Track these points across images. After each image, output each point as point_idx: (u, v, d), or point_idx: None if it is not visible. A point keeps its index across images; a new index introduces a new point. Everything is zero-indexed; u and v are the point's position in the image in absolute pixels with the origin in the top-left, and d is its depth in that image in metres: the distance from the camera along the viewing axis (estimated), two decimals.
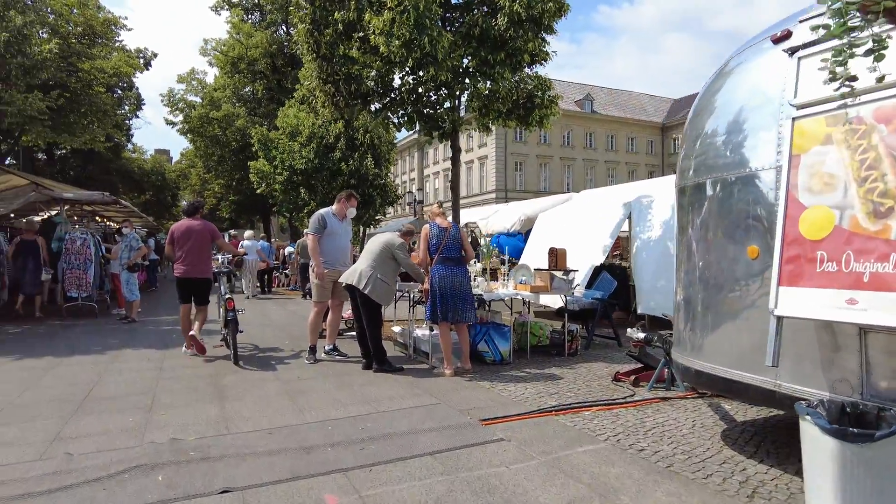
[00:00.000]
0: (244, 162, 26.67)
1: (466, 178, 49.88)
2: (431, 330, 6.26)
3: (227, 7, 27.13)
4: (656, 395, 5.20)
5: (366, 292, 6.03)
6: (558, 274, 7.02)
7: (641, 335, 5.69)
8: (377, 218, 18.21)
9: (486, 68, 8.59)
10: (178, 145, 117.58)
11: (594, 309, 7.90)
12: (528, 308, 7.15)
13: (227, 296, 7.16)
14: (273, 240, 30.19)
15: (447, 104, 9.33)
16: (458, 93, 9.30)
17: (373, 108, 9.34)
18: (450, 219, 6.75)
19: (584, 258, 8.93)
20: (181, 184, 44.85)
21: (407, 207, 25.76)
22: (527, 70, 9.53)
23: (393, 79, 9.29)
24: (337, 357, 6.83)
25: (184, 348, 7.19)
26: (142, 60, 25.90)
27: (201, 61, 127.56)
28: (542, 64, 9.53)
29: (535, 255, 11.39)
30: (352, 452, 3.71)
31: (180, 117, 28.43)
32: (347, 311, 8.26)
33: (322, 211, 6.82)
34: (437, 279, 5.74)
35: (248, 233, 17.28)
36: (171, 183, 42.60)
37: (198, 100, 28.88)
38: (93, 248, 11.21)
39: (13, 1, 11.21)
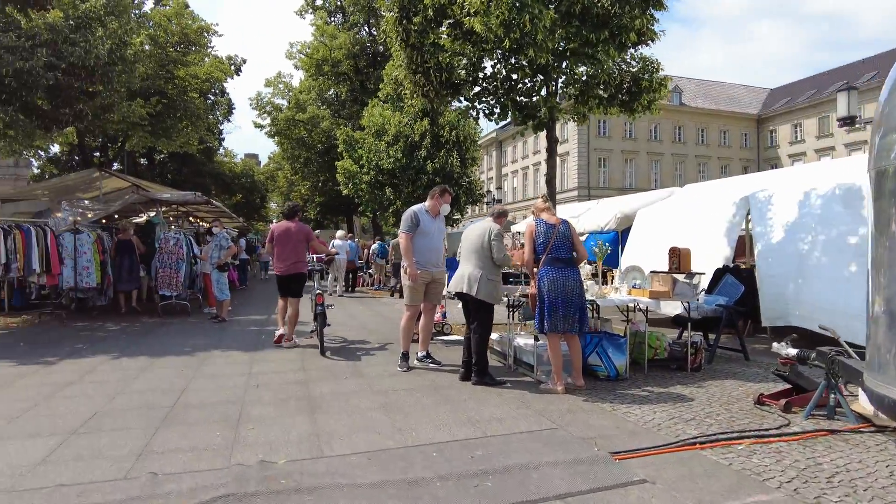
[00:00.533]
0: (329, 163, 27.01)
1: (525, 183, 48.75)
2: (536, 339, 5.59)
3: (311, 10, 27.63)
4: (818, 427, 4.28)
5: (479, 297, 5.48)
6: (681, 277, 6.16)
7: (793, 351, 4.77)
8: (455, 217, 17.71)
9: (588, 49, 7.80)
10: (265, 149, 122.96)
11: (717, 317, 6.94)
12: (646, 315, 6.32)
13: (318, 291, 7.57)
14: (356, 239, 30.59)
15: (543, 91, 8.60)
16: (555, 78, 8.56)
17: (463, 99, 8.74)
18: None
19: (696, 259, 7.95)
20: (269, 186, 46.53)
21: (485, 207, 25.09)
22: (631, 51, 8.65)
23: (485, 66, 8.69)
24: (431, 365, 6.31)
25: (284, 341, 7.70)
26: (232, 67, 26.78)
27: (287, 65, 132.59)
28: (648, 44, 8.62)
29: (637, 256, 10.46)
30: (464, 490, 3.12)
31: (268, 120, 29.27)
32: (437, 315, 7.82)
33: (415, 208, 6.32)
34: (545, 283, 5.06)
35: (339, 233, 17.29)
36: (260, 185, 44.22)
37: (284, 103, 29.64)
38: (185, 247, 11.37)
39: (116, 9, 11.52)
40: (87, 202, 11.65)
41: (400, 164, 15.31)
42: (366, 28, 27.22)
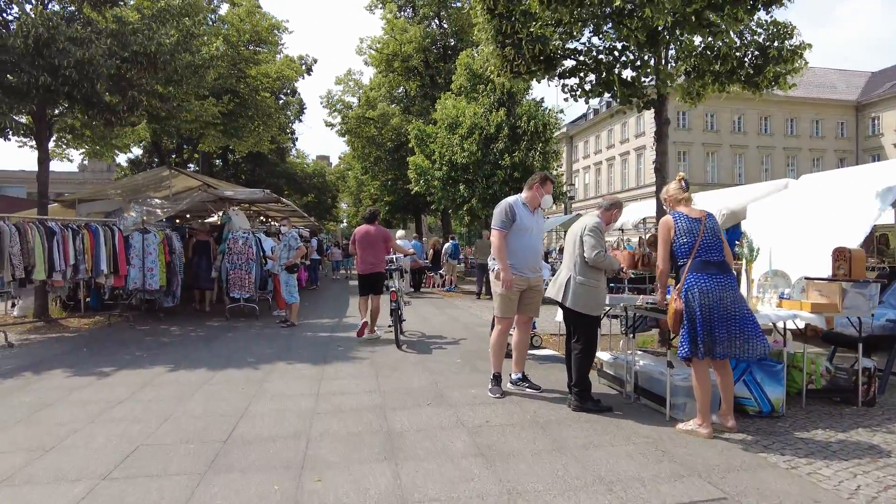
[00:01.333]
0: (399, 161, 26.43)
1: (621, 171, 46.48)
2: (670, 366, 4.41)
3: (381, 5, 27.08)
4: None
5: (568, 305, 4.54)
6: (849, 286, 4.81)
7: None
8: None
9: (712, 12, 6.51)
10: (336, 151, 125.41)
11: (889, 336, 5.51)
12: (805, 334, 5.03)
13: (392, 288, 8.10)
14: (423, 239, 29.95)
15: (652, 64, 7.35)
16: (667, 48, 7.30)
17: (556, 76, 7.56)
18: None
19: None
20: (340, 186, 46.79)
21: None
22: (760, 14, 7.25)
23: (581, 35, 7.54)
24: (528, 389, 5.26)
25: (367, 331, 8.25)
26: (303, 66, 26.67)
27: (357, 62, 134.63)
28: (783, 3, 7.20)
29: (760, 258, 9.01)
30: None
31: (338, 119, 29.03)
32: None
33: (510, 200, 5.28)
34: (696, 294, 3.88)
35: (399, 232, 16.55)
36: (331, 185, 44.55)
37: (354, 100, 29.30)
38: (255, 247, 10.85)
39: (191, 11, 11.12)
40: (157, 201, 11.35)
41: (475, 157, 14.26)
42: (436, 21, 26.41)
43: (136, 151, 26.45)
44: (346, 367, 6.42)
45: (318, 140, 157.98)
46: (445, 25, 26.20)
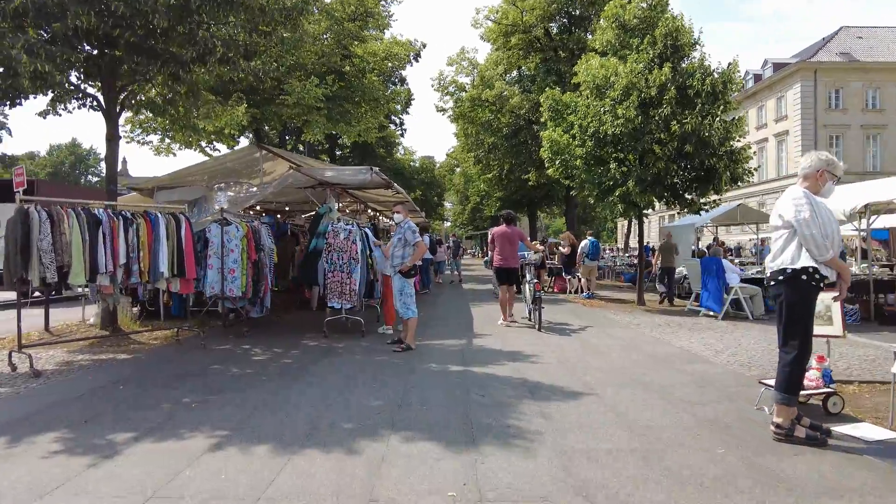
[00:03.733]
0: (517, 148, 23.46)
1: (757, 160, 40.14)
2: None
3: None
4: None
5: None
6: None
7: None
8: (707, 203, 12.57)
9: None
10: (440, 149, 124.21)
11: None
12: None
13: (535, 280, 9.52)
14: (537, 238, 26.78)
15: None
16: None
17: None
18: None
19: None
20: (446, 183, 44.79)
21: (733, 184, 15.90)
22: None
23: None
24: None
25: (500, 321, 9.36)
26: (415, 47, 24.45)
27: (470, 39, 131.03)
28: None
29: None
30: None
31: (450, 103, 26.49)
32: None
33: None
34: None
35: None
36: (439, 178, 42.73)
37: (468, 81, 26.63)
38: (359, 242, 8.31)
39: None
40: (243, 187, 9.19)
41: (632, 125, 10.86)
42: None
43: (242, 144, 25.47)
44: (513, 455, 3.51)
45: (422, 139, 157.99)
46: None
